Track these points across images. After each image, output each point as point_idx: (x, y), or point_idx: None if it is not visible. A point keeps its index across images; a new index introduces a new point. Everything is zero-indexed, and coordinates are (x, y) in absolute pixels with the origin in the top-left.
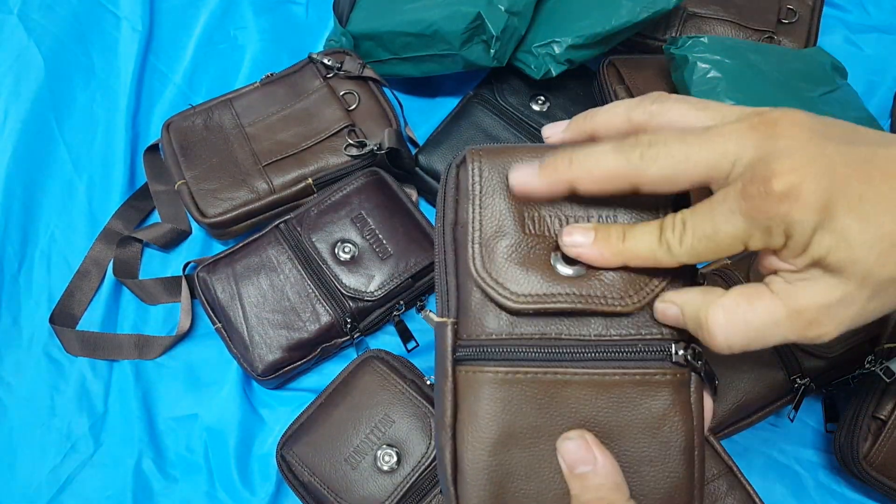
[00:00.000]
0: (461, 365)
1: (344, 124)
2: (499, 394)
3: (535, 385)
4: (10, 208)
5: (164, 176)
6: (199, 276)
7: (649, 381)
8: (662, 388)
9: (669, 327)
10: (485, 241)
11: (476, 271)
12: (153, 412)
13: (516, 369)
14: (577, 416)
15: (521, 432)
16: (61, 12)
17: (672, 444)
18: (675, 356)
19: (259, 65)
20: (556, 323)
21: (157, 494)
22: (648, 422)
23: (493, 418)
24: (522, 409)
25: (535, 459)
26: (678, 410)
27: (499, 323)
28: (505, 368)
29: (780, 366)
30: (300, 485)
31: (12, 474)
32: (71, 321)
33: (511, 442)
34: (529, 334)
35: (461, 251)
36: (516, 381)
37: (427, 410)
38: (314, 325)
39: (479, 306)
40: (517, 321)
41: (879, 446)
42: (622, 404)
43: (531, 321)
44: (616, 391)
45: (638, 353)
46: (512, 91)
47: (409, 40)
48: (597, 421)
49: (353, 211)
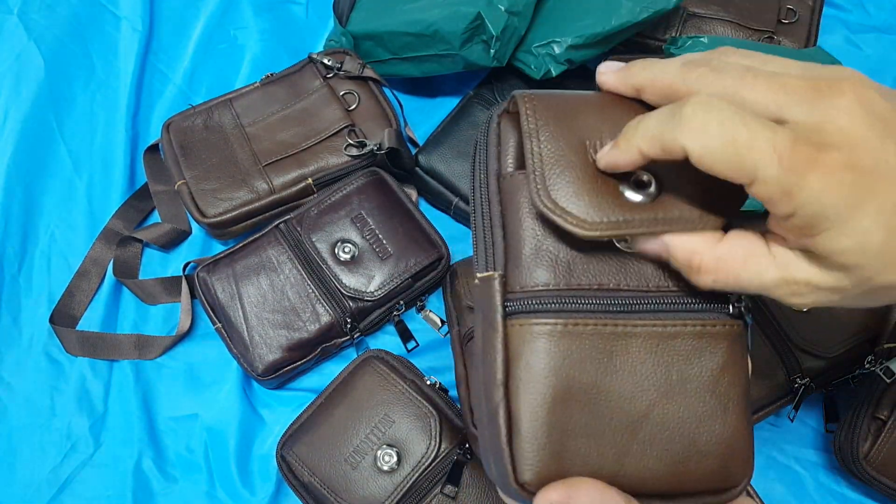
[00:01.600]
0: (513, 318)
1: (344, 124)
2: (557, 347)
3: (595, 337)
4: (10, 208)
5: (164, 176)
6: (199, 276)
7: (708, 333)
8: (721, 341)
9: None
10: (549, 174)
11: (542, 202)
12: (153, 412)
13: (576, 321)
14: (638, 371)
15: (580, 388)
16: (61, 12)
17: (730, 398)
18: (732, 308)
19: (259, 65)
20: (614, 273)
21: (157, 494)
22: (708, 375)
23: (551, 373)
24: (582, 364)
25: (596, 416)
26: (735, 363)
27: (555, 272)
28: (563, 320)
29: (780, 366)
30: (300, 485)
31: (12, 474)
32: (71, 321)
33: (571, 398)
34: (587, 284)
35: (511, 198)
36: (576, 332)
37: (427, 410)
38: (314, 325)
39: (533, 255)
40: (573, 270)
41: (879, 446)
42: (682, 357)
43: (587, 271)
44: (677, 343)
45: (696, 303)
46: (512, 91)
47: (409, 40)
48: (657, 375)
49: (353, 211)
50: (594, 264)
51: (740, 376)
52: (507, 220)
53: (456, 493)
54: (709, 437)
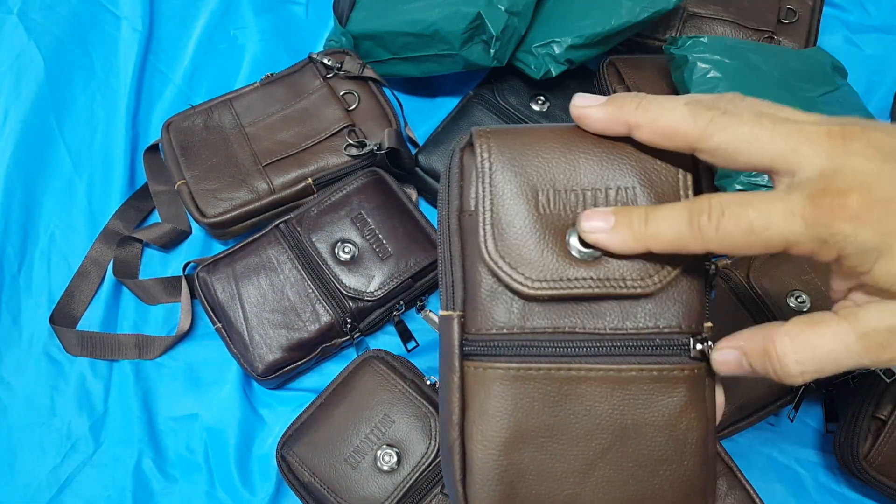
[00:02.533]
0: (469, 360)
1: (344, 124)
2: (510, 391)
3: (547, 382)
4: (10, 208)
5: (164, 176)
6: (199, 276)
7: (666, 378)
8: (679, 385)
9: (687, 318)
10: (496, 221)
11: (488, 254)
12: (153, 412)
13: (528, 365)
14: (592, 415)
15: (533, 431)
16: (61, 12)
17: (688, 441)
18: (693, 350)
19: (259, 65)
20: (570, 314)
21: (157, 494)
22: (664, 420)
23: (504, 416)
24: (535, 407)
25: (548, 459)
26: (694, 407)
27: (509, 315)
28: (516, 364)
29: None
30: (300, 485)
31: (12, 474)
32: (71, 321)
33: (523, 441)
34: (542, 328)
35: (469, 238)
36: (528, 377)
37: (427, 410)
38: (314, 325)
39: (489, 297)
40: (528, 313)
41: (879, 446)
42: (638, 402)
43: (543, 313)
44: (632, 388)
45: (655, 347)
46: (512, 91)
47: (409, 40)
48: (612, 419)
49: (353, 211)
50: (551, 306)
51: (700, 419)
52: (465, 259)
53: None
54: (665, 479)
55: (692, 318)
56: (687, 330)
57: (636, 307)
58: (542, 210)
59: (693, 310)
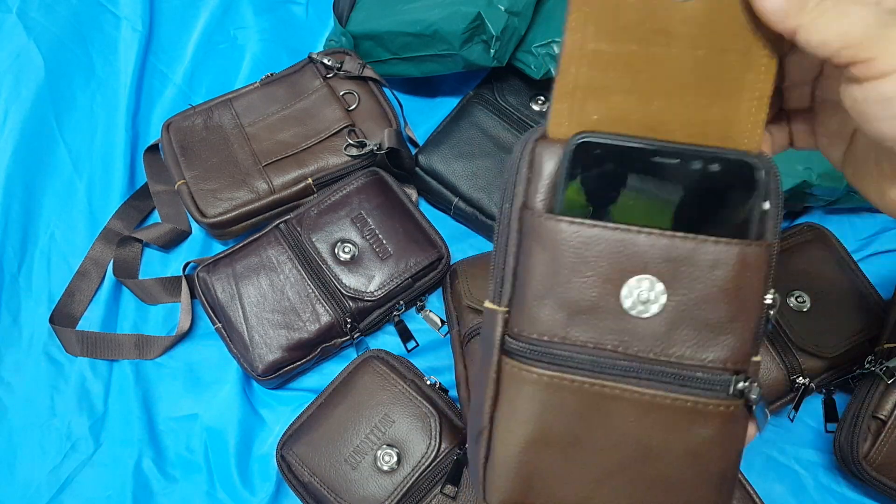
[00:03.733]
0: (508, 357)
1: (344, 124)
2: (541, 396)
3: (580, 394)
4: (10, 208)
5: (164, 176)
6: (199, 276)
7: (700, 411)
8: (712, 419)
9: (735, 355)
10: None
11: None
12: (153, 412)
13: (563, 375)
14: (619, 433)
15: (557, 436)
16: (61, 11)
17: (709, 471)
18: (733, 389)
19: (259, 65)
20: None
21: (157, 494)
22: (690, 448)
23: (531, 419)
24: (563, 416)
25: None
26: (722, 442)
27: (553, 323)
28: (551, 373)
29: (780, 366)
30: (300, 485)
31: (12, 474)
32: (71, 321)
33: (545, 443)
34: (584, 341)
35: (527, 238)
36: (562, 386)
37: (427, 410)
38: (314, 325)
39: (536, 302)
40: (572, 324)
41: (879, 446)
42: (667, 428)
43: (588, 326)
44: (663, 414)
45: (695, 380)
46: (512, 91)
47: (409, 40)
48: (637, 439)
49: (353, 211)
50: (597, 321)
51: (726, 454)
52: (520, 257)
53: (456, 492)
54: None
55: (740, 356)
56: (732, 368)
57: (684, 337)
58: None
59: (744, 346)
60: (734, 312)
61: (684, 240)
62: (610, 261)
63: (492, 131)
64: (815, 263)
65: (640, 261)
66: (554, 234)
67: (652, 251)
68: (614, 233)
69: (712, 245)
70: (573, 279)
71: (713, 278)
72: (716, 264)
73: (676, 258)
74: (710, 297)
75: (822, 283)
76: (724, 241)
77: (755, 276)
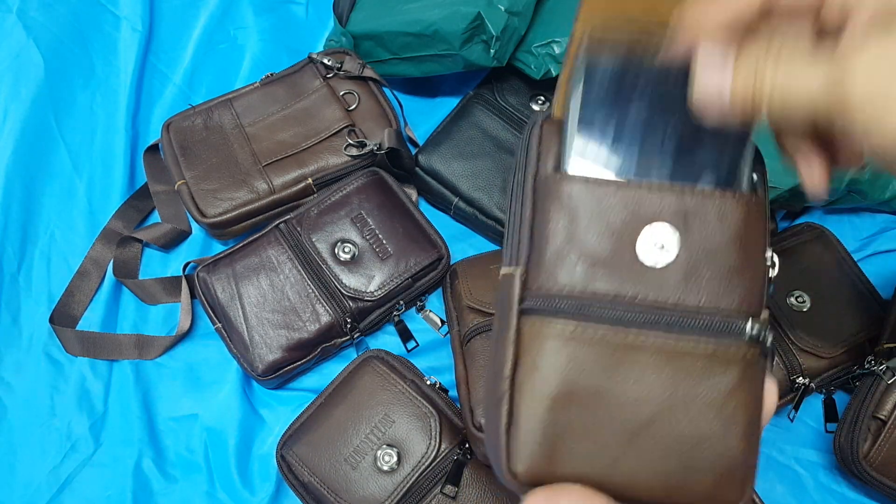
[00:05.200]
0: (527, 316)
1: (344, 124)
2: (565, 349)
3: (603, 345)
4: (10, 208)
5: (164, 176)
6: (199, 276)
7: (721, 356)
8: (733, 364)
9: (748, 302)
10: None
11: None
12: (153, 412)
13: (586, 326)
14: (643, 383)
15: (582, 391)
16: (61, 11)
17: (735, 421)
18: (750, 333)
19: (259, 65)
20: (633, 282)
21: (157, 494)
22: (714, 397)
23: (555, 373)
24: (587, 369)
25: (594, 420)
26: (745, 388)
27: (572, 277)
28: (574, 324)
29: (780, 366)
30: (300, 485)
31: (12, 474)
32: (71, 321)
33: (571, 399)
34: (604, 292)
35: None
36: (585, 338)
37: (427, 410)
38: (314, 325)
39: (554, 258)
40: (592, 276)
41: (879, 446)
42: (690, 376)
43: (606, 278)
44: (686, 361)
45: (714, 325)
46: (512, 91)
47: (409, 40)
48: (662, 389)
49: (353, 211)
50: (615, 272)
51: (750, 401)
52: (536, 220)
53: (456, 493)
54: (707, 456)
55: (752, 302)
56: (746, 313)
57: (700, 284)
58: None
59: (754, 293)
60: (743, 261)
61: (692, 193)
62: (624, 214)
63: (492, 131)
64: (815, 263)
65: (654, 212)
66: (568, 192)
67: (663, 203)
68: (626, 188)
69: (718, 199)
70: (589, 233)
71: (722, 229)
72: (723, 216)
73: (686, 210)
74: (719, 246)
75: (822, 283)
76: (728, 193)
77: (758, 227)
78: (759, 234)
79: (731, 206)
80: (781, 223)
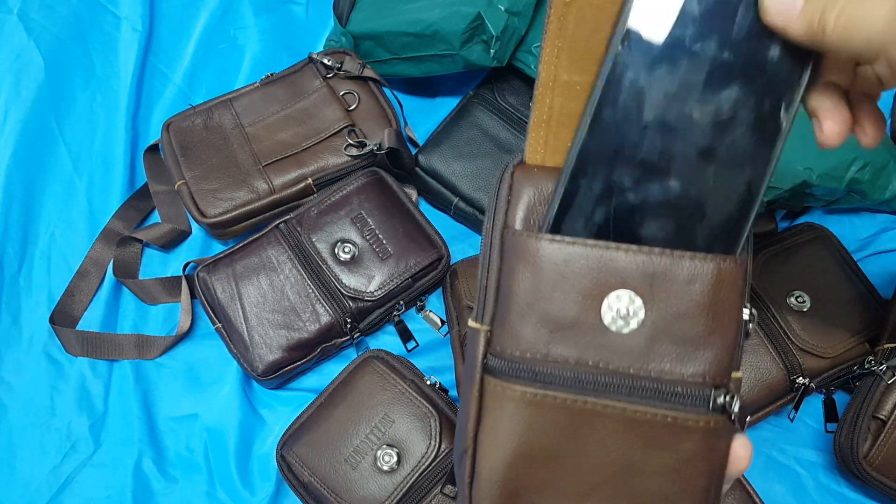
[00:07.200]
0: (490, 375)
1: (344, 124)
2: (524, 413)
3: (562, 411)
4: (10, 208)
5: (164, 176)
6: (199, 276)
7: (681, 425)
8: (693, 433)
9: (714, 369)
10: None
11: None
12: (153, 412)
13: (545, 392)
14: (602, 448)
15: (540, 452)
16: (61, 12)
17: (693, 486)
18: (714, 404)
19: (259, 65)
20: (598, 349)
21: (157, 494)
22: (672, 462)
23: (514, 436)
24: (545, 432)
25: (553, 481)
26: (705, 456)
27: (535, 340)
28: (533, 390)
29: (780, 365)
30: (300, 485)
31: (12, 474)
32: (71, 321)
33: (530, 461)
34: (565, 358)
35: (509, 257)
36: (544, 403)
37: (427, 410)
38: (314, 325)
39: (518, 320)
40: (554, 341)
41: (879, 446)
42: (649, 443)
43: (570, 342)
44: (646, 430)
45: (675, 395)
46: (512, 91)
47: (409, 40)
48: (619, 454)
49: (353, 211)
50: (578, 337)
51: (707, 469)
52: (502, 275)
53: (456, 493)
54: None
55: (718, 370)
56: (711, 382)
57: (663, 352)
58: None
59: (723, 360)
60: (712, 327)
61: (661, 255)
62: (590, 277)
63: (492, 131)
64: (815, 263)
65: (619, 276)
66: (535, 251)
67: (630, 267)
68: (593, 249)
69: (688, 260)
70: (554, 295)
71: (690, 293)
72: (692, 279)
73: (654, 273)
74: (687, 311)
75: (822, 283)
76: (699, 256)
77: (731, 291)
78: (736, 294)
79: (703, 269)
80: (781, 223)
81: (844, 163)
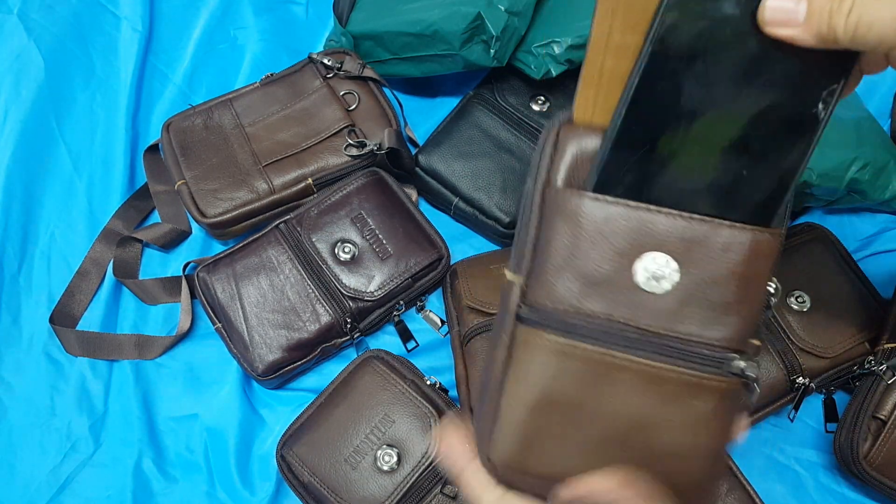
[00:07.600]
0: (522, 324)
1: (344, 124)
2: (551, 362)
3: (588, 363)
4: (10, 208)
5: (164, 176)
6: (199, 276)
7: (701, 385)
8: (712, 394)
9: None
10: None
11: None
12: (153, 412)
13: (574, 343)
14: (621, 401)
15: (563, 401)
16: (61, 12)
17: (704, 445)
18: (733, 367)
19: (259, 65)
20: (627, 305)
21: (157, 494)
22: (688, 421)
23: (539, 383)
24: (570, 382)
25: (570, 428)
26: (719, 418)
27: (569, 294)
28: (563, 340)
29: (780, 366)
30: (300, 485)
31: (12, 474)
32: (71, 321)
33: (551, 407)
34: (596, 312)
35: (549, 213)
36: (572, 354)
37: (427, 410)
38: (314, 325)
39: (554, 274)
40: (587, 296)
41: (879, 446)
42: (668, 399)
43: (602, 298)
44: (666, 387)
45: (699, 356)
46: (512, 91)
47: (409, 40)
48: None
49: (353, 211)
50: (611, 294)
51: (721, 431)
52: (541, 231)
53: (456, 493)
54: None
55: (742, 337)
56: (734, 347)
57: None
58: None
59: (746, 328)
60: (741, 295)
61: (701, 222)
62: (628, 237)
63: (492, 131)
64: (815, 263)
65: (657, 239)
66: (577, 208)
67: (669, 230)
68: (635, 211)
69: (727, 229)
70: (591, 253)
71: (725, 260)
72: (728, 247)
73: (692, 238)
74: (720, 278)
75: (822, 283)
76: (738, 225)
77: (763, 262)
78: (767, 266)
79: (740, 239)
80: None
81: (844, 163)
